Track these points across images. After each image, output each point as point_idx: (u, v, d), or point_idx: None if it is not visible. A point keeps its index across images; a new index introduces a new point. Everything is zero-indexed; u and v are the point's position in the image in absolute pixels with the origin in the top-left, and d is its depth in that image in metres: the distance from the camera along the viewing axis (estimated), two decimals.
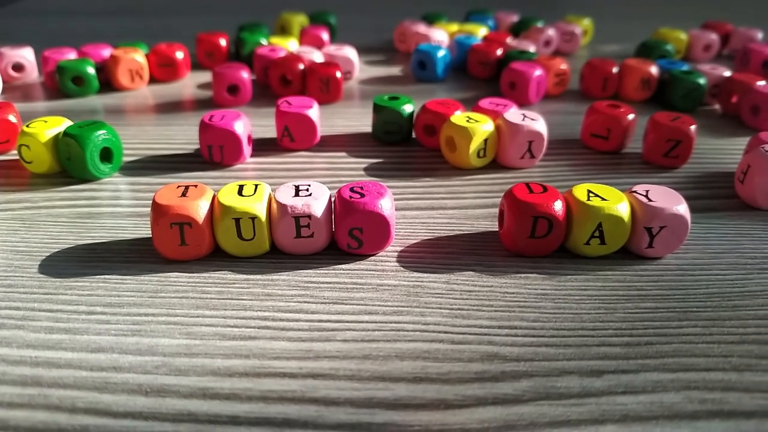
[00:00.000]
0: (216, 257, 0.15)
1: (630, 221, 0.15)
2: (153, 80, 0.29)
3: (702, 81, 0.26)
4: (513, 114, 0.20)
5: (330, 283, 0.14)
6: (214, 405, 0.11)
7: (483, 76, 0.30)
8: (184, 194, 0.15)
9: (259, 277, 0.14)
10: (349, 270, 0.15)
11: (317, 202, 0.15)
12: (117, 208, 0.18)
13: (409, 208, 0.18)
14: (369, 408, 0.11)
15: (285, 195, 0.15)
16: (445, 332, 0.13)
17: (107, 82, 0.28)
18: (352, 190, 0.15)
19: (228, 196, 0.15)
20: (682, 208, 0.15)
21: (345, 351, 0.12)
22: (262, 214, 0.14)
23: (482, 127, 0.20)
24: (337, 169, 0.21)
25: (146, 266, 0.15)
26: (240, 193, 0.15)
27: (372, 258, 0.15)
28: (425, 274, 0.15)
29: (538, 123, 0.20)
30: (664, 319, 0.13)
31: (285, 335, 0.13)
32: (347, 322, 0.13)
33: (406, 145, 0.23)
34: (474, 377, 0.12)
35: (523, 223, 0.15)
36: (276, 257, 0.15)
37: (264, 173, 0.20)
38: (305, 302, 0.14)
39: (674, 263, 0.16)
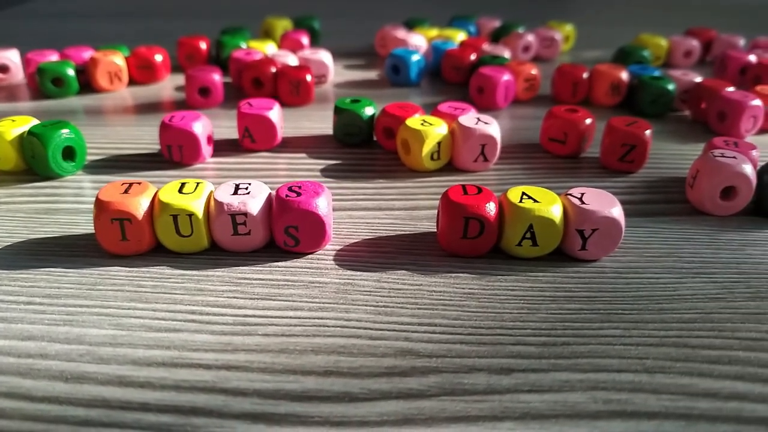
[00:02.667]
0: (158, 253, 0.16)
1: (562, 223, 0.15)
2: (133, 82, 0.30)
3: (671, 87, 0.26)
4: (467, 118, 0.20)
5: (262, 279, 0.15)
6: (128, 392, 0.11)
7: (456, 80, 0.30)
8: (126, 191, 0.15)
9: (194, 272, 0.15)
10: (283, 267, 0.15)
11: (254, 200, 0.15)
12: (75, 204, 0.18)
13: (357, 209, 0.18)
14: (275, 399, 0.11)
15: (223, 193, 0.15)
16: (365, 328, 0.13)
17: (88, 84, 0.29)
18: (290, 189, 0.15)
19: (168, 194, 0.15)
20: (616, 212, 0.15)
21: (263, 345, 0.12)
22: (199, 212, 0.15)
23: (436, 130, 0.20)
24: (296, 170, 0.21)
25: (90, 260, 0.15)
26: (180, 190, 0.15)
27: (310, 256, 0.16)
28: (358, 272, 0.15)
29: (491, 127, 0.20)
30: (586, 321, 0.13)
31: (208, 328, 0.13)
32: (271, 317, 0.13)
33: (367, 148, 0.23)
34: (384, 372, 0.12)
35: (455, 224, 0.15)
36: (215, 254, 0.16)
37: (223, 173, 0.21)
38: (234, 297, 0.14)
39: (609, 266, 0.16)
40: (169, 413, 0.11)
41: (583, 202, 0.15)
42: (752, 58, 0.31)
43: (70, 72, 0.27)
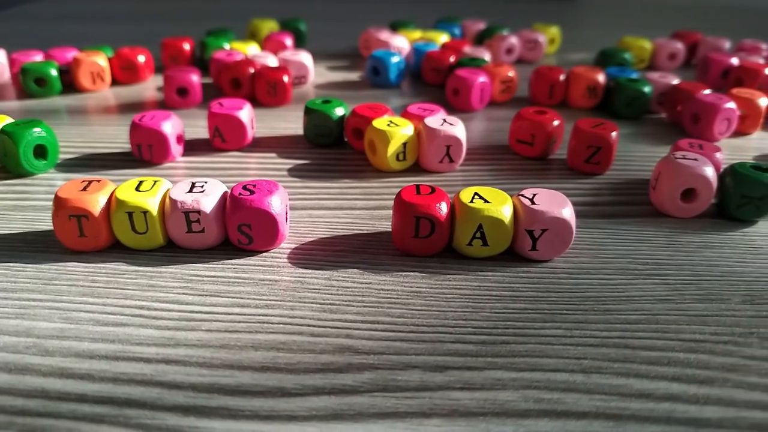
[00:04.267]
0: (115, 249, 0.16)
1: (511, 224, 0.15)
2: (117, 83, 0.31)
3: (647, 89, 0.26)
4: (433, 119, 0.21)
5: (214, 276, 0.15)
6: (68, 384, 0.11)
7: (436, 82, 0.31)
8: (85, 188, 0.16)
9: (149, 269, 0.15)
10: (236, 265, 0.15)
11: (208, 198, 0.15)
12: (43, 202, 0.19)
13: (318, 208, 0.18)
14: (208, 393, 0.11)
15: (178, 191, 0.15)
16: (309, 325, 0.13)
17: (71, 84, 0.29)
18: (244, 187, 0.15)
19: (124, 191, 0.15)
20: (566, 212, 0.15)
21: (205, 340, 0.13)
22: (154, 209, 0.15)
23: (401, 131, 0.20)
24: (265, 169, 0.21)
25: (50, 256, 0.16)
26: (137, 188, 0.16)
27: (264, 254, 0.16)
28: (309, 271, 0.15)
29: (456, 128, 0.20)
30: (529, 320, 0.13)
31: (154, 323, 0.13)
32: (217, 313, 0.13)
33: (338, 148, 0.23)
34: (320, 368, 0.12)
35: (407, 223, 0.15)
36: (172, 251, 0.16)
37: (192, 172, 0.21)
38: (184, 294, 0.14)
39: (561, 266, 0.16)
40: (105, 404, 0.11)
41: (533, 203, 0.15)
42: (734, 60, 0.31)
43: (53, 72, 0.28)
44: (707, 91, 0.25)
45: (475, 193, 0.15)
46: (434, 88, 0.31)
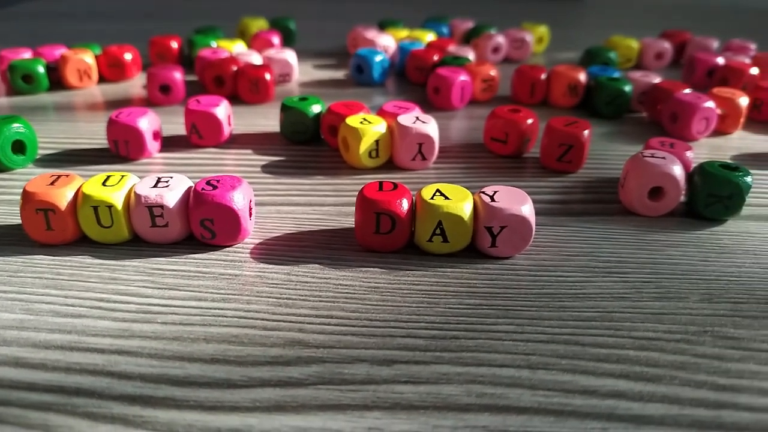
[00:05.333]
0: (82, 243, 0.16)
1: (471, 220, 0.15)
2: (104, 80, 0.31)
3: (627, 88, 0.26)
4: (405, 117, 0.21)
5: (175, 270, 0.15)
6: (21, 373, 0.12)
7: (420, 81, 0.31)
8: (52, 183, 0.16)
9: (113, 262, 0.15)
10: (198, 259, 0.15)
11: (172, 193, 0.15)
12: (18, 196, 0.19)
13: (287, 204, 0.19)
14: (156, 383, 0.11)
15: (143, 186, 0.16)
16: (263, 319, 0.13)
17: (59, 81, 0.30)
18: (207, 183, 0.16)
19: (90, 186, 0.16)
20: (526, 210, 0.15)
21: (159, 332, 0.13)
22: (119, 203, 0.15)
23: (373, 128, 0.20)
24: (240, 165, 0.21)
25: (18, 249, 0.16)
26: (104, 183, 0.16)
27: (228, 249, 0.16)
28: (270, 266, 0.15)
29: (428, 126, 0.20)
30: (482, 316, 0.14)
31: (112, 315, 0.13)
32: (174, 306, 0.14)
33: (314, 145, 0.23)
34: (269, 361, 0.12)
35: (368, 219, 0.15)
36: (137, 245, 0.16)
37: (168, 167, 0.21)
38: (144, 287, 0.14)
39: (522, 263, 0.16)
40: (54, 393, 0.11)
41: (493, 200, 0.15)
42: (720, 60, 0.31)
43: (40, 69, 0.28)
44: (687, 91, 0.25)
45: (437, 190, 0.16)
46: (418, 87, 0.31)
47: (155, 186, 0.16)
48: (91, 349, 0.12)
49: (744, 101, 0.25)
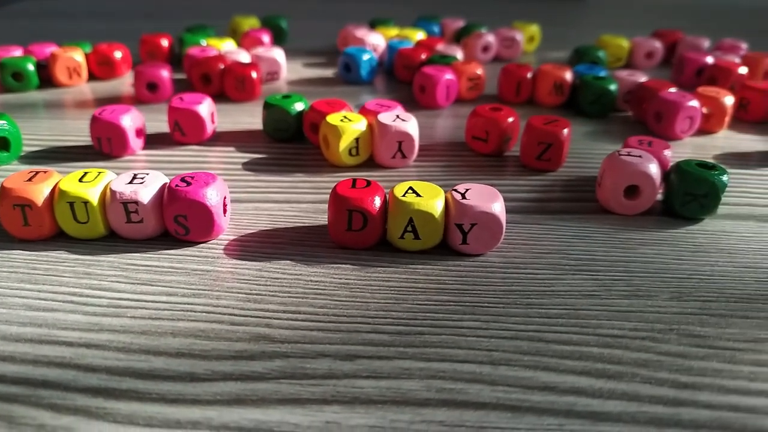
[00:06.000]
0: (60, 238, 0.16)
1: (442, 218, 0.15)
2: (94, 78, 0.31)
3: (612, 87, 0.26)
4: (386, 115, 0.21)
5: (149, 266, 0.15)
6: None
7: (408, 79, 0.31)
8: (30, 179, 0.16)
9: (88, 257, 0.15)
10: (172, 255, 0.16)
11: (147, 189, 0.16)
12: None
13: (265, 201, 0.19)
14: (121, 376, 0.12)
15: (119, 182, 0.16)
16: (231, 314, 0.13)
17: (49, 79, 0.30)
18: (182, 179, 0.16)
19: (67, 182, 0.16)
20: (496, 207, 0.15)
21: (128, 326, 0.13)
22: (94, 199, 0.15)
23: (353, 126, 0.20)
24: (222, 162, 0.22)
25: None
26: (81, 179, 0.16)
27: (202, 245, 0.16)
28: (243, 262, 0.15)
29: (408, 124, 0.20)
30: (449, 312, 0.14)
31: (83, 309, 0.13)
32: (145, 301, 0.14)
33: (297, 143, 0.24)
34: (233, 355, 0.12)
35: (340, 216, 0.15)
36: (113, 241, 0.16)
37: (151, 165, 0.21)
38: (117, 282, 0.14)
39: (493, 261, 0.16)
40: (20, 385, 0.11)
41: (464, 197, 0.15)
42: (709, 59, 0.31)
43: (30, 67, 0.28)
44: (673, 90, 0.25)
45: (410, 188, 0.16)
46: (406, 85, 0.31)
47: (131, 182, 0.16)
48: (59, 342, 0.12)
49: (729, 100, 0.25)
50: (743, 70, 0.29)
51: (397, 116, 0.21)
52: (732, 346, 0.13)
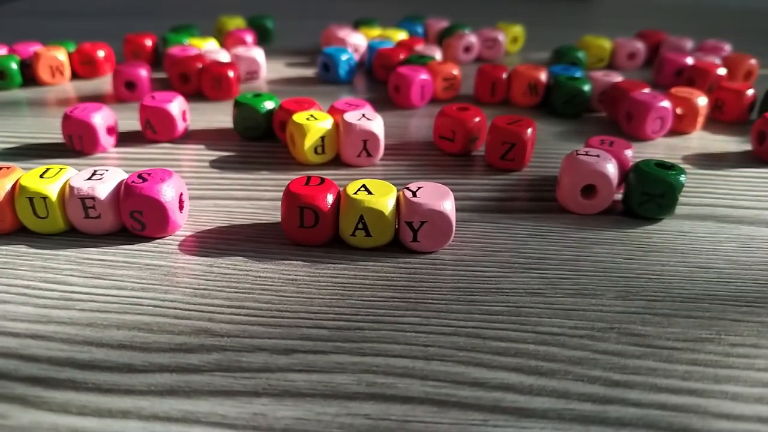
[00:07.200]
0: (22, 233, 0.16)
1: (393, 216, 0.15)
2: (78, 77, 0.32)
3: (586, 87, 0.26)
4: (351, 114, 0.21)
5: (104, 260, 0.15)
6: None
7: (386, 79, 0.31)
8: None
9: (47, 251, 0.16)
10: (127, 250, 0.16)
11: (104, 185, 0.16)
12: None
13: (226, 198, 0.19)
14: (61, 366, 0.12)
15: (78, 179, 0.16)
16: (176, 308, 0.14)
17: (33, 78, 0.30)
18: (139, 176, 0.16)
19: (28, 178, 0.16)
20: (446, 205, 0.15)
21: (75, 319, 0.13)
22: (53, 195, 0.16)
23: (318, 124, 0.20)
24: (191, 160, 0.22)
25: None
26: (42, 175, 0.16)
27: (158, 240, 0.16)
28: (196, 257, 0.16)
29: (373, 123, 0.21)
30: (392, 308, 0.14)
31: (34, 302, 0.14)
32: (95, 294, 0.14)
33: (268, 141, 0.24)
34: (173, 348, 0.12)
35: (292, 213, 0.16)
36: (74, 236, 0.16)
37: (122, 162, 0.22)
38: (71, 275, 0.15)
39: (444, 258, 0.16)
40: None
41: (414, 195, 0.15)
42: (689, 60, 0.31)
43: (13, 65, 0.29)
44: (646, 90, 0.25)
45: (362, 185, 0.16)
46: (384, 85, 0.31)
47: (89, 179, 0.16)
48: (7, 333, 0.13)
49: (702, 101, 0.25)
50: (722, 71, 0.29)
51: (363, 115, 0.21)
52: (671, 345, 0.13)
